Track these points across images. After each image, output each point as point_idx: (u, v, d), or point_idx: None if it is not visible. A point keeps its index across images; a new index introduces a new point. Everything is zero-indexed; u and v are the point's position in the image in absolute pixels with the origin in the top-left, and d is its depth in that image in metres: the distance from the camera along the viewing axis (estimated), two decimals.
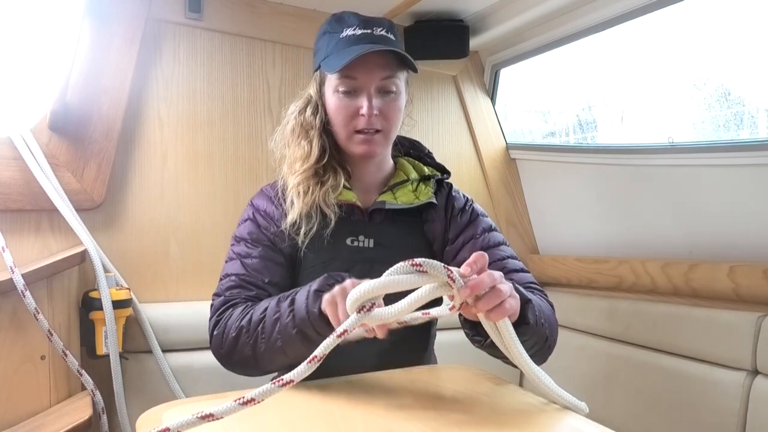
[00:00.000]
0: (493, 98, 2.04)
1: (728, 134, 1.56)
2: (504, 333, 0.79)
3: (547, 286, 1.92)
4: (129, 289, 1.41)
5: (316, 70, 1.10)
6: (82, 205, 1.44)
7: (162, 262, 1.55)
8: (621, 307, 1.55)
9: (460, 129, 2.00)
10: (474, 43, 1.84)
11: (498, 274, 0.76)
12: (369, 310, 0.71)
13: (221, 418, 0.64)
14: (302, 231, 1.03)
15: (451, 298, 0.74)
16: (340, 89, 1.04)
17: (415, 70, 1.07)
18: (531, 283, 1.05)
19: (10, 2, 1.42)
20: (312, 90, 1.11)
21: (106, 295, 1.35)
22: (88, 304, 1.36)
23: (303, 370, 0.67)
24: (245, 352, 0.94)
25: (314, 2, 1.66)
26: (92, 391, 1.34)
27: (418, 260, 0.70)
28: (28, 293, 1.24)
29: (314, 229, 1.04)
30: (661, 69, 1.72)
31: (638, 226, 1.63)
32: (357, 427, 0.73)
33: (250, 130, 1.67)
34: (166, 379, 1.44)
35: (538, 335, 0.89)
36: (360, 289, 0.70)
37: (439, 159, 1.22)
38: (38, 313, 1.26)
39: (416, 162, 1.19)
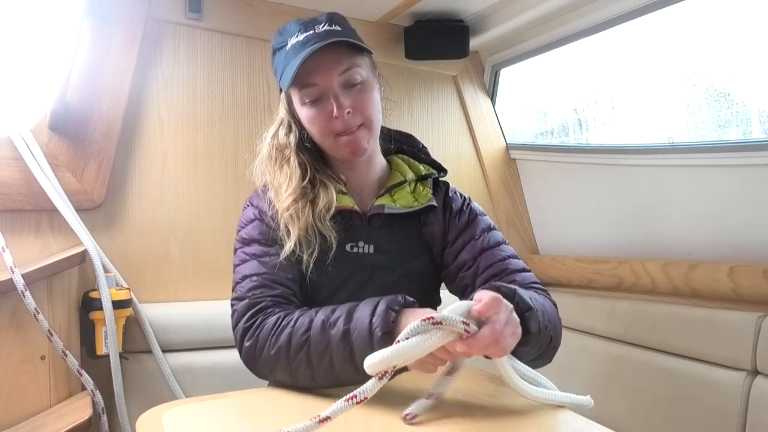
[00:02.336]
0: (493, 98, 2.04)
1: (722, 134, 1.57)
2: (499, 365, 0.79)
3: (547, 287, 1.92)
4: (129, 289, 1.41)
5: (281, 92, 1.07)
6: (82, 205, 1.43)
7: (162, 262, 1.55)
8: (621, 308, 1.55)
9: (460, 129, 2.00)
10: (474, 43, 1.84)
11: (503, 319, 0.73)
12: (391, 374, 0.69)
13: None
14: (305, 257, 0.99)
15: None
16: (306, 100, 1.00)
17: (370, 52, 1.03)
18: (533, 282, 1.04)
19: (10, 2, 1.42)
20: (282, 112, 1.08)
21: (106, 295, 1.35)
22: (88, 304, 1.36)
23: (309, 425, 0.66)
24: (282, 375, 0.89)
25: (314, 2, 1.66)
26: (92, 391, 1.34)
27: (436, 318, 0.68)
28: (28, 293, 1.24)
29: (316, 252, 0.99)
30: (658, 69, 1.72)
31: (638, 226, 1.63)
32: (358, 428, 0.73)
33: (250, 130, 1.66)
34: (166, 379, 1.44)
35: (542, 340, 0.88)
36: (380, 356, 0.68)
37: (439, 159, 1.18)
38: (38, 313, 1.26)
39: (411, 160, 1.15)
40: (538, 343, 0.87)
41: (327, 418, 0.67)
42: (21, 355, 1.30)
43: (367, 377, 0.74)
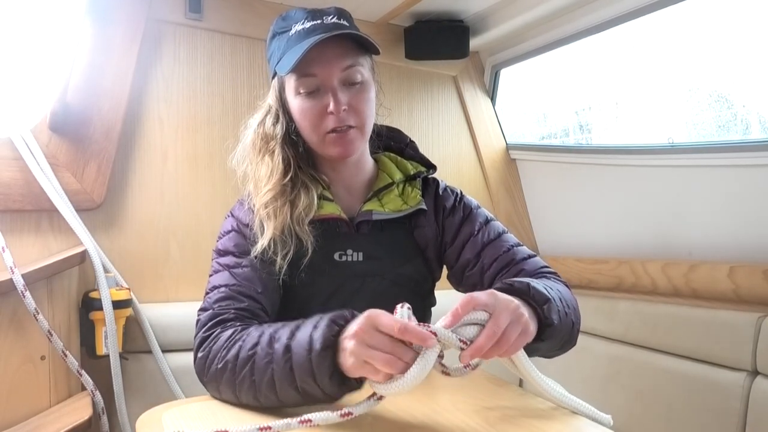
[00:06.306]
0: (493, 98, 2.04)
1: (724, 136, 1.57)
2: (520, 367, 0.77)
3: None
4: (129, 289, 1.41)
5: (273, 78, 1.01)
6: (82, 206, 1.43)
7: (162, 263, 1.55)
8: (621, 308, 1.55)
9: (460, 129, 2.00)
10: (474, 43, 1.84)
11: (502, 321, 0.70)
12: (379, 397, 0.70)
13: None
14: (279, 255, 0.94)
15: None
16: (302, 90, 0.95)
17: (377, 52, 0.98)
18: (542, 267, 0.99)
19: (10, 3, 1.42)
20: (271, 99, 1.02)
21: (106, 295, 1.35)
22: (88, 305, 1.36)
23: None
24: (227, 391, 0.83)
25: (314, 2, 1.65)
26: (92, 391, 1.34)
27: (432, 329, 0.68)
28: (28, 293, 1.24)
29: (290, 253, 0.94)
30: (657, 71, 1.72)
31: (638, 226, 1.63)
32: (356, 429, 0.73)
33: None
34: (166, 380, 1.44)
35: (565, 328, 0.85)
36: (394, 387, 0.67)
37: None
38: (38, 314, 1.26)
39: (398, 158, 1.09)
40: (562, 332, 0.84)
41: (309, 420, 0.68)
42: (21, 355, 1.29)
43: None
